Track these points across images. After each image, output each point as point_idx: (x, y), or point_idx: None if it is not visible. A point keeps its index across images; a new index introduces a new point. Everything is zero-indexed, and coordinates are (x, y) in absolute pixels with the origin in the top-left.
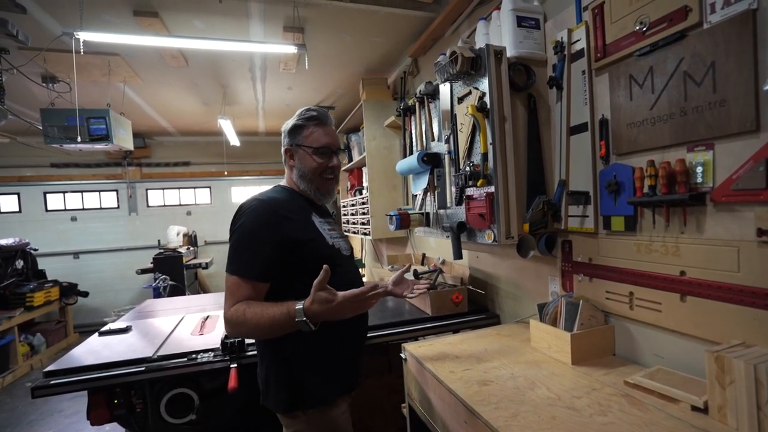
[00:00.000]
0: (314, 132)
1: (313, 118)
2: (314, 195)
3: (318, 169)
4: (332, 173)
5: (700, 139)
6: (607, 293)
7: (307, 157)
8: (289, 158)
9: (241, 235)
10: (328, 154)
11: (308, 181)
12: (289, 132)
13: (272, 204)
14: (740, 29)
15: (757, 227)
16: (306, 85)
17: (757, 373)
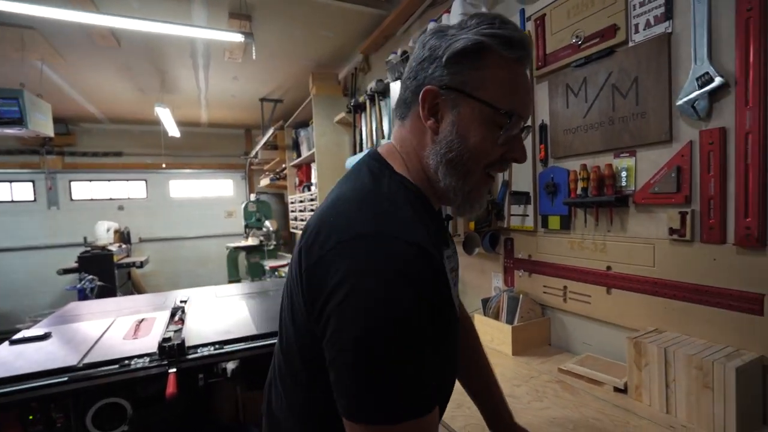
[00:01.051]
0: (509, 74)
1: (515, 44)
2: (460, 206)
3: (493, 154)
4: (504, 169)
5: (625, 146)
6: (544, 287)
7: (477, 125)
8: (427, 112)
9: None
10: (517, 132)
11: (461, 176)
12: (454, 57)
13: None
14: (658, 49)
15: (669, 226)
16: (253, 76)
17: (667, 355)
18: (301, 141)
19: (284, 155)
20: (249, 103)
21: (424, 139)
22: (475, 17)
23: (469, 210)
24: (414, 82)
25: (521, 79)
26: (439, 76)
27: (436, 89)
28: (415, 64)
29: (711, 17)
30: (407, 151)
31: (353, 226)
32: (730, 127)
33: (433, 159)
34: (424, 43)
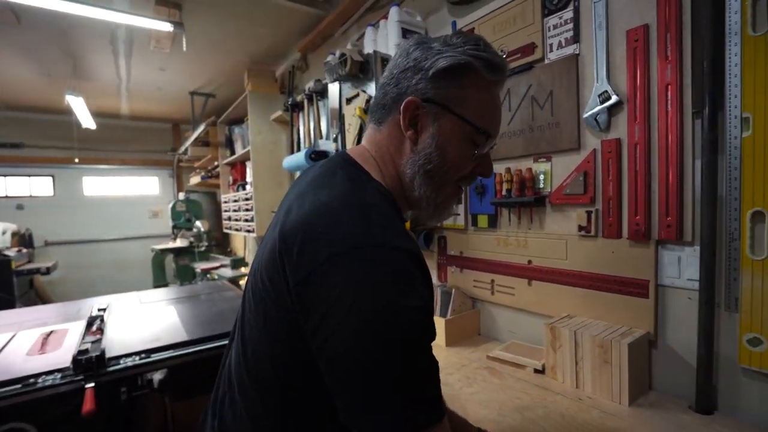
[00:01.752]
0: (488, 95)
1: (495, 68)
2: (429, 214)
3: (466, 169)
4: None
5: (543, 152)
6: (474, 282)
7: (456, 140)
8: (408, 122)
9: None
10: (486, 150)
11: (435, 187)
12: (439, 73)
13: (417, 256)
14: (568, 68)
15: (578, 224)
16: (182, 68)
17: (576, 337)
18: (235, 138)
19: (217, 152)
20: (178, 97)
21: (401, 148)
22: (460, 36)
23: (438, 219)
24: (395, 89)
25: (497, 102)
26: (423, 88)
27: (418, 101)
28: (397, 71)
29: (608, 44)
30: (382, 157)
31: (347, 238)
32: (623, 139)
33: (410, 168)
34: (408, 53)
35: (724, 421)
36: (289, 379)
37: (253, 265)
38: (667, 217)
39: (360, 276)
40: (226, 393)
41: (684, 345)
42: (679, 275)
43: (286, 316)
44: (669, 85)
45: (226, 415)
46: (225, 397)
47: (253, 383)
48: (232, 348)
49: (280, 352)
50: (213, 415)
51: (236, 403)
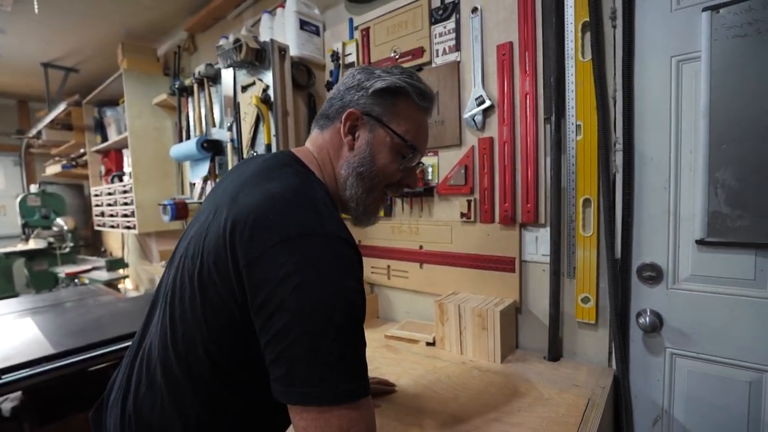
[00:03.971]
0: (417, 118)
1: (426, 97)
2: (358, 216)
3: (393, 177)
4: (398, 192)
5: (430, 147)
6: (372, 268)
7: (386, 149)
8: (347, 129)
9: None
10: (413, 165)
11: (365, 189)
12: (378, 92)
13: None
14: (451, 72)
15: (460, 211)
16: (32, 33)
17: (460, 310)
18: (107, 122)
19: (83, 138)
20: (25, 67)
21: (340, 152)
22: (398, 68)
23: (365, 221)
24: (340, 102)
25: (425, 125)
26: (363, 103)
27: (358, 113)
28: (343, 88)
29: (483, 54)
30: (323, 159)
31: (298, 225)
32: (495, 137)
33: (345, 169)
34: (353, 75)
35: (567, 364)
36: (221, 359)
37: (184, 252)
38: (527, 204)
39: (308, 259)
40: (142, 381)
41: (540, 309)
42: (536, 252)
43: (228, 297)
44: (528, 94)
45: (142, 405)
46: (140, 386)
47: (182, 365)
48: (150, 336)
49: (216, 334)
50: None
51: (157, 388)
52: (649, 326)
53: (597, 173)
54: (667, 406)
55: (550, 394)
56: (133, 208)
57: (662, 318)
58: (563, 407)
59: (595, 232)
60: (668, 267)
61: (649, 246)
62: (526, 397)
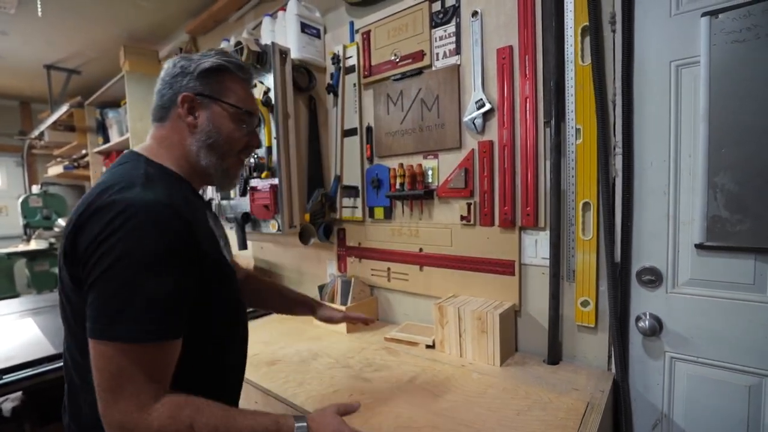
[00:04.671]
0: (243, 88)
1: (244, 69)
2: (219, 179)
3: (240, 143)
4: (248, 156)
5: (430, 150)
6: (372, 270)
7: (226, 120)
8: (186, 112)
9: (138, 265)
10: (254, 126)
11: (219, 156)
12: (203, 73)
13: (173, 203)
14: (451, 76)
15: (460, 214)
16: (35, 35)
17: (460, 313)
18: (109, 124)
19: (85, 139)
20: (28, 69)
21: (185, 134)
22: (212, 49)
23: (228, 184)
24: (170, 91)
25: (250, 91)
26: (193, 86)
27: (192, 95)
28: (168, 78)
29: (483, 58)
30: (168, 146)
31: (110, 197)
32: (495, 141)
33: (195, 146)
34: (174, 64)
35: (566, 367)
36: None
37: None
38: (527, 207)
39: (122, 216)
40: (71, 387)
41: (539, 312)
42: (536, 255)
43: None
44: (527, 98)
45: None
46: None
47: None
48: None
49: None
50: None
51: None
52: (649, 330)
53: (597, 177)
54: (667, 410)
55: (549, 398)
56: None
57: (662, 322)
58: (562, 411)
59: (595, 235)
60: (668, 271)
61: (648, 250)
62: (526, 401)
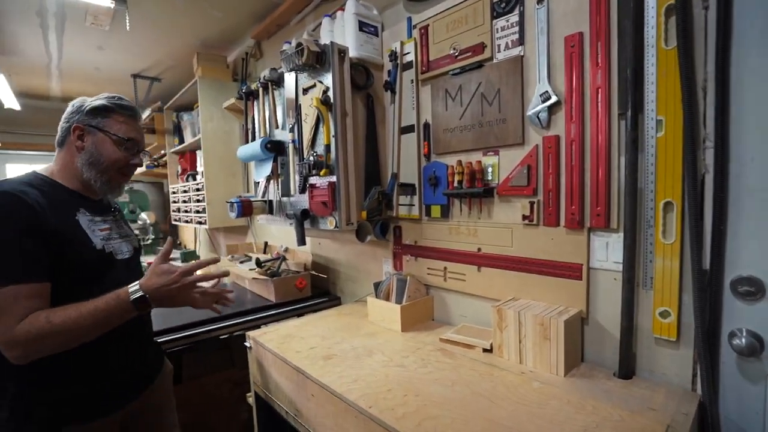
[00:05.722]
0: (124, 122)
1: (127, 109)
2: (100, 187)
3: (119, 162)
4: (131, 171)
5: (491, 146)
6: (428, 269)
7: (108, 145)
8: (76, 138)
9: None
10: (135, 150)
11: (100, 172)
12: (90, 110)
13: (21, 195)
14: (514, 68)
15: (522, 213)
16: (124, 49)
17: (520, 317)
18: (183, 126)
19: (163, 140)
20: (118, 79)
21: (75, 156)
22: (107, 94)
23: (109, 191)
24: (66, 124)
25: (133, 124)
26: (82, 119)
27: (81, 126)
28: (67, 115)
29: (549, 48)
30: (64, 165)
31: None
32: (561, 135)
33: (80, 164)
34: (72, 105)
35: (641, 383)
36: None
37: None
38: (597, 207)
39: None
40: None
41: (609, 320)
42: (607, 258)
43: None
44: (599, 89)
45: None
46: None
47: None
48: None
49: None
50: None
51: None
52: (746, 349)
53: (681, 174)
54: None
55: (620, 416)
56: (204, 204)
57: (764, 340)
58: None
59: (679, 239)
60: None
61: (747, 257)
62: (593, 417)
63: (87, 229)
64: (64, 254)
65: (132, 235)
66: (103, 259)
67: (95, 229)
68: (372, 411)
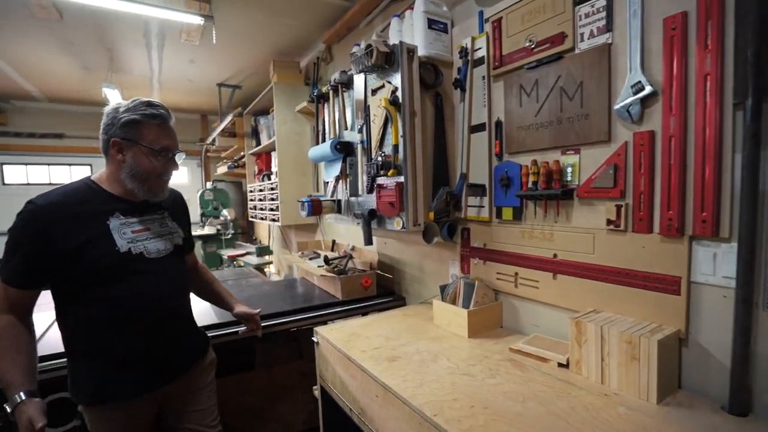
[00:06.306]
0: (155, 131)
1: (155, 117)
2: (144, 195)
3: (157, 170)
4: (170, 175)
5: (571, 144)
6: (497, 274)
7: (144, 157)
8: (116, 152)
9: (8, 238)
10: (170, 155)
11: (141, 182)
12: (123, 125)
13: (46, 210)
14: (599, 58)
15: (606, 218)
16: (211, 60)
17: (602, 332)
18: (260, 129)
19: (243, 143)
20: (206, 88)
21: (119, 167)
22: (136, 101)
23: (152, 197)
24: (105, 136)
25: (165, 131)
26: (119, 133)
27: (119, 141)
28: (103, 126)
29: (644, 32)
30: (110, 173)
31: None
32: (657, 131)
33: (123, 175)
34: (107, 114)
35: (760, 424)
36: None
37: None
38: (702, 212)
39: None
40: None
41: (717, 344)
42: (714, 272)
43: None
44: (708, 75)
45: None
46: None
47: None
48: None
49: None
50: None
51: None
52: None
53: None
54: None
55: None
56: (277, 203)
57: None
58: None
59: None
60: None
61: None
62: None
63: (115, 232)
64: (84, 261)
65: (175, 233)
66: (127, 259)
67: (126, 231)
68: (437, 420)
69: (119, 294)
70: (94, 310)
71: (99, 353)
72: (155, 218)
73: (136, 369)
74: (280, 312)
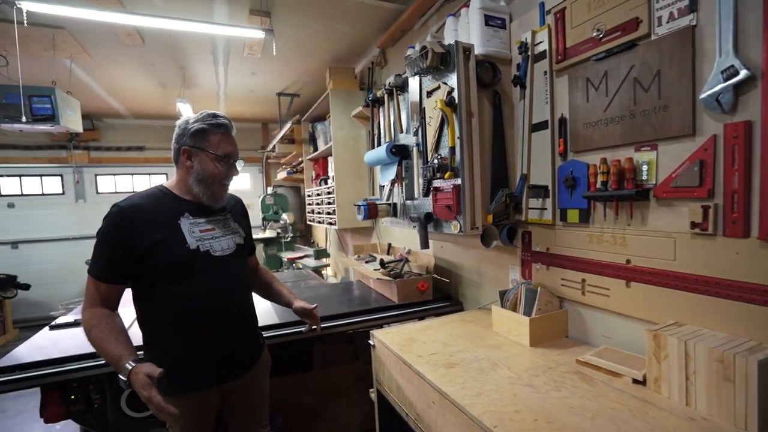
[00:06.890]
0: (219, 139)
1: (221, 126)
2: (206, 199)
3: (220, 175)
4: (230, 180)
5: (646, 140)
6: (562, 280)
7: (210, 162)
8: (186, 159)
9: (97, 239)
10: (231, 161)
11: (206, 186)
12: (193, 134)
13: (129, 212)
14: (682, 42)
15: (690, 220)
16: (271, 71)
17: (687, 348)
18: (317, 135)
19: (301, 149)
20: (266, 98)
21: (188, 173)
22: (204, 113)
23: (214, 201)
24: (177, 145)
25: (228, 139)
26: (188, 142)
27: (188, 148)
28: (175, 136)
29: (737, 10)
30: (179, 179)
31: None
32: (756, 121)
33: (191, 181)
34: (179, 126)
35: None
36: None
37: None
38: None
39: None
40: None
41: None
42: None
43: None
44: None
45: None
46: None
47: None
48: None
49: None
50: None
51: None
52: None
53: None
54: None
55: None
56: (334, 207)
57: None
58: None
59: None
60: None
61: None
62: None
63: (186, 231)
64: (159, 257)
65: (237, 233)
66: (196, 256)
67: (195, 230)
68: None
69: (188, 290)
70: (166, 305)
71: (171, 347)
72: (219, 219)
73: (204, 364)
74: (337, 314)
